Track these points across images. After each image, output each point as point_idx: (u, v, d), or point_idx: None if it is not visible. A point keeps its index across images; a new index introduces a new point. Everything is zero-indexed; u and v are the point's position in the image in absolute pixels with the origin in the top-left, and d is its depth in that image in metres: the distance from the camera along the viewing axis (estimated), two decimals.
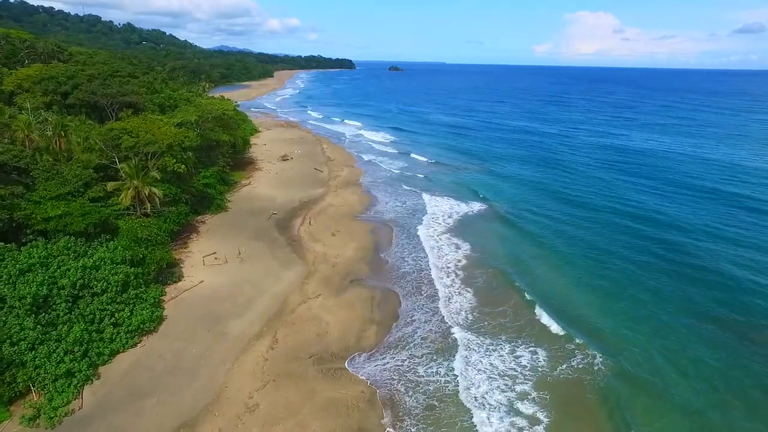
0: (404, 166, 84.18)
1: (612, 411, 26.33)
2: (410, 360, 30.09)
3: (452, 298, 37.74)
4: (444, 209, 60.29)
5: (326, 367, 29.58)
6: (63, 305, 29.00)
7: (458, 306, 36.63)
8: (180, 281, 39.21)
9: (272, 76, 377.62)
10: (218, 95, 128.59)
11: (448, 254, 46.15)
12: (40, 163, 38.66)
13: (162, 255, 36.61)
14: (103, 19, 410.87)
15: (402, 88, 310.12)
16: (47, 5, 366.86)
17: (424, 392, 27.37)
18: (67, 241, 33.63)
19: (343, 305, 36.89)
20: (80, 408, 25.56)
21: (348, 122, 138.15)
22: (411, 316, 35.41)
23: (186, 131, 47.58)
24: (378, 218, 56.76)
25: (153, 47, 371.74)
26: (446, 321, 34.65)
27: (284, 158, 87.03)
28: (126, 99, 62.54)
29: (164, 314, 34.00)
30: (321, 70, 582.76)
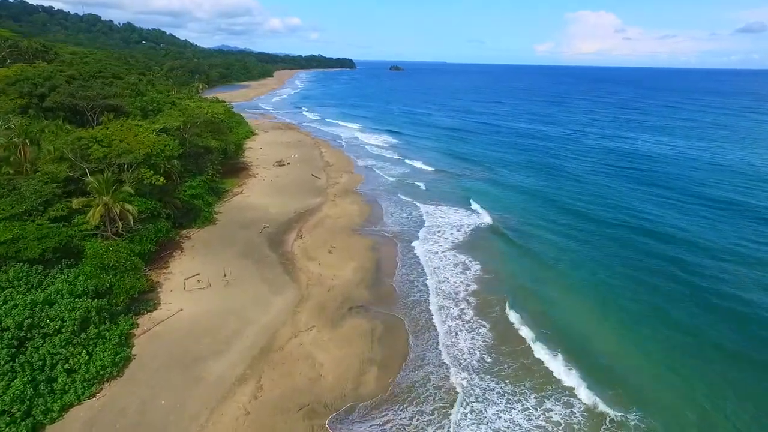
0: (405, 173, 79.52)
1: None
2: (419, 418, 25.12)
3: (462, 334, 32.98)
4: (449, 221, 55.71)
5: (318, 424, 25.02)
6: (4, 352, 24.32)
7: (470, 344, 31.85)
8: (155, 310, 34.66)
9: (272, 76, 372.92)
10: (212, 96, 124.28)
11: (456, 277, 41.42)
12: None
13: (133, 283, 31.98)
14: (104, 19, 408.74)
15: (403, 88, 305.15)
16: (47, 5, 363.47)
17: None
18: (19, 270, 28.97)
19: (340, 340, 32.34)
20: None
21: (347, 124, 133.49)
22: (421, 358, 30.61)
23: (167, 139, 42.92)
24: (379, 232, 52.14)
25: (153, 47, 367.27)
26: (458, 362, 30.06)
27: (280, 163, 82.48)
28: (108, 102, 58.01)
29: (132, 353, 29.46)
30: (321, 70, 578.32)
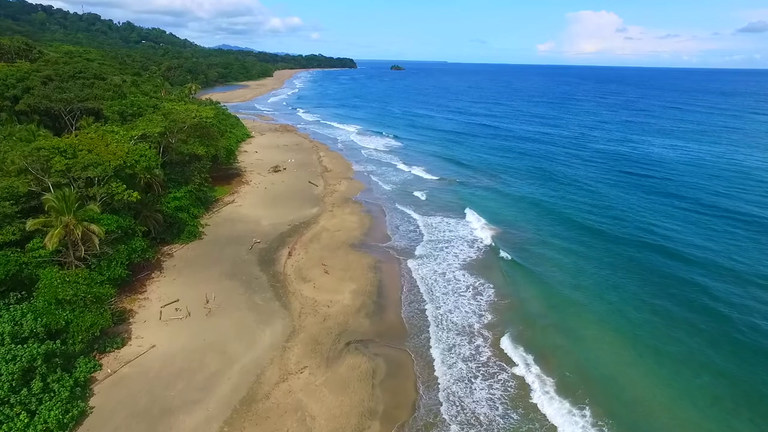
0: (407, 180, 74.97)
1: None
2: None
3: (477, 380, 28.50)
4: (455, 235, 51.34)
5: None
6: None
7: (488, 384, 27.51)
8: (125, 346, 30.23)
9: (271, 76, 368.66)
10: (206, 97, 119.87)
11: (468, 305, 36.95)
12: None
13: (94, 319, 27.44)
14: (104, 18, 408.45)
15: (403, 89, 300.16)
16: (46, 3, 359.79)
17: None
18: None
19: (336, 385, 27.83)
20: None
21: (347, 126, 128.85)
22: (434, 405, 26.18)
23: (144, 148, 38.36)
24: (381, 248, 47.66)
25: (152, 46, 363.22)
26: (476, 413, 25.59)
27: (276, 169, 77.95)
28: (86, 105, 53.52)
29: (90, 406, 24.92)
30: (322, 69, 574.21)
